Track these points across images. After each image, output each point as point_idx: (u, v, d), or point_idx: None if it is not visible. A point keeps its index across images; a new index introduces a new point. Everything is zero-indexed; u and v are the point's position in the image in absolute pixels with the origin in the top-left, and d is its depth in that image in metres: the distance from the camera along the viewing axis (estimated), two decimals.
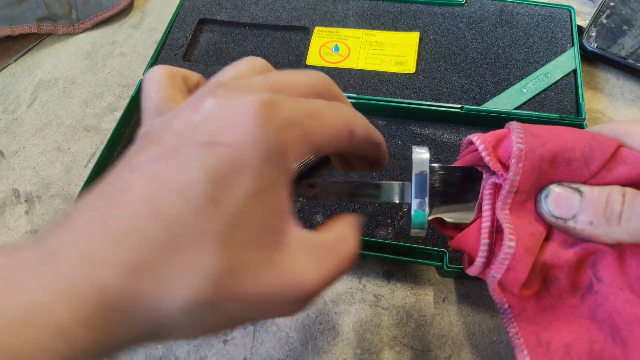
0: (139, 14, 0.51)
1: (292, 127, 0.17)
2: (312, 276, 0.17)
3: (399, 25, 0.43)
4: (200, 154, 0.16)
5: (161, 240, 0.15)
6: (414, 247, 0.31)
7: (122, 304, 0.15)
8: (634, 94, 0.40)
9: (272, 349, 0.30)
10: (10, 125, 0.43)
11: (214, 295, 0.15)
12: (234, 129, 0.16)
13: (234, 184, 0.16)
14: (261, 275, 0.16)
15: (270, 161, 0.16)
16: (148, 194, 0.15)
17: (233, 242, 0.16)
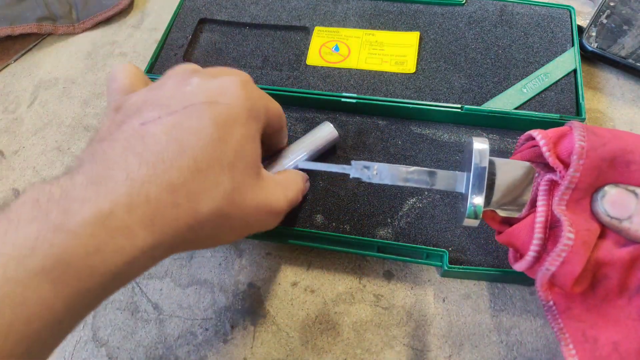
0: (139, 13, 0.51)
1: (259, 99, 0.25)
2: (281, 196, 0.26)
3: (399, 25, 0.43)
4: (206, 109, 0.22)
5: (188, 165, 0.20)
6: (414, 247, 0.31)
7: (168, 212, 0.19)
8: (634, 93, 0.40)
9: (272, 349, 0.30)
10: (10, 125, 0.43)
11: (228, 206, 0.22)
12: (229, 95, 0.23)
13: (233, 129, 0.22)
14: (254, 193, 0.23)
15: (252, 118, 0.24)
16: (170, 135, 0.20)
17: (237, 169, 0.22)
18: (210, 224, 0.21)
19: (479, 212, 0.23)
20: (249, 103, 0.23)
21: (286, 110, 0.39)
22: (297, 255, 0.34)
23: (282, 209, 0.26)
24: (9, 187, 0.39)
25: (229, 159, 0.22)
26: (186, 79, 0.24)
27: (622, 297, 0.21)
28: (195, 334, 0.31)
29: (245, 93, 0.24)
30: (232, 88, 0.23)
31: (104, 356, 0.31)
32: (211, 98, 0.22)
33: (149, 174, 0.19)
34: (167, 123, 0.21)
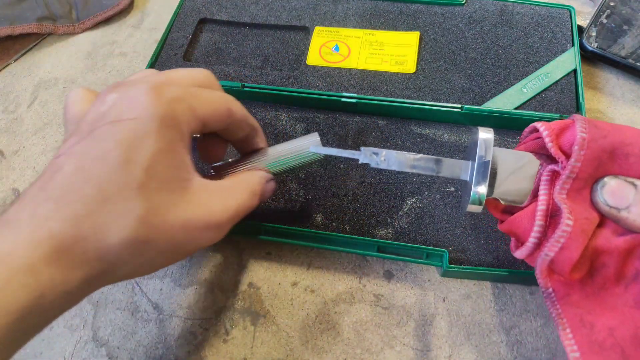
0: (139, 13, 0.51)
1: (177, 101, 0.22)
2: (218, 207, 0.23)
3: (399, 25, 0.43)
4: (110, 130, 0.20)
5: (93, 195, 0.19)
6: (414, 247, 0.31)
7: (73, 247, 0.19)
8: (634, 93, 0.40)
9: (272, 349, 0.30)
10: (10, 124, 0.43)
11: (144, 231, 0.20)
12: (135, 107, 0.21)
13: (141, 146, 0.20)
14: (177, 211, 0.21)
15: (166, 127, 0.21)
16: (76, 166, 0.20)
17: (149, 189, 0.20)
18: (127, 253, 0.20)
19: (482, 199, 0.23)
20: (160, 110, 0.21)
21: (286, 110, 0.39)
22: (297, 255, 0.34)
23: (221, 221, 0.23)
24: (9, 187, 0.39)
25: (139, 181, 0.20)
26: (105, 97, 0.22)
27: (619, 285, 0.22)
28: (195, 334, 0.31)
29: (153, 100, 0.21)
30: (138, 98, 0.21)
31: (104, 356, 0.31)
32: (117, 116, 0.21)
33: (52, 209, 0.19)
34: (76, 152, 0.20)
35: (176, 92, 0.23)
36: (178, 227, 0.21)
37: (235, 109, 0.26)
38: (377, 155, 0.25)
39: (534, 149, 0.25)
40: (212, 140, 0.28)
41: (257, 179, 0.27)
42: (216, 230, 0.23)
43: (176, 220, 0.21)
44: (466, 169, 0.25)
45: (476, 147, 0.24)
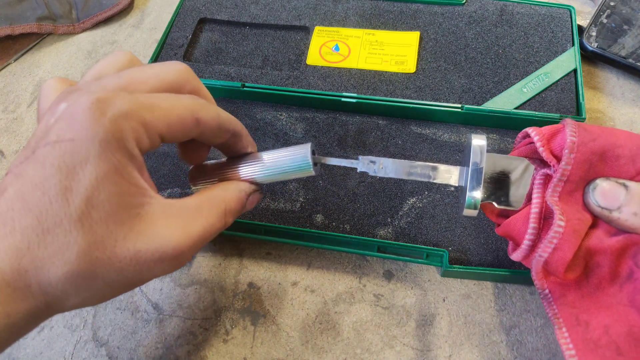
0: (139, 13, 0.51)
1: (125, 117, 0.19)
2: (177, 237, 0.21)
3: (399, 25, 0.42)
4: (50, 152, 0.19)
5: (33, 226, 0.18)
6: (414, 247, 0.31)
7: (15, 281, 0.18)
8: (635, 93, 0.40)
9: (272, 349, 0.30)
10: (10, 124, 0.43)
11: (87, 265, 0.18)
12: (73, 125, 0.19)
13: (80, 172, 0.18)
14: (126, 243, 0.19)
15: (109, 149, 0.19)
16: (17, 190, 0.18)
17: (92, 220, 0.18)
18: (72, 287, 0.19)
19: (477, 204, 0.24)
20: (101, 130, 0.19)
21: (286, 110, 0.39)
22: (297, 255, 0.34)
23: (179, 251, 0.21)
24: None
25: (80, 211, 0.18)
26: (56, 106, 0.20)
27: (614, 284, 0.23)
28: (195, 334, 0.31)
29: (94, 118, 0.19)
30: (77, 116, 0.19)
31: (104, 356, 0.31)
32: (58, 135, 0.19)
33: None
34: (19, 174, 0.19)
35: (123, 107, 0.19)
36: (127, 260, 0.19)
37: (206, 116, 0.23)
38: (374, 164, 0.26)
39: (527, 154, 0.26)
40: (190, 143, 0.26)
41: (234, 194, 0.24)
42: (173, 261, 0.21)
43: (125, 254, 0.19)
44: (462, 174, 0.25)
45: (470, 153, 0.24)
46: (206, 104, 0.23)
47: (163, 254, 0.20)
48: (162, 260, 0.20)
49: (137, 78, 0.22)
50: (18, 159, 0.19)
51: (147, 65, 0.23)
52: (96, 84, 0.21)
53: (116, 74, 0.22)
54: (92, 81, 0.22)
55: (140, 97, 0.20)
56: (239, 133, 0.25)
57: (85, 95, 0.19)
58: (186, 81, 0.23)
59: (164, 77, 0.22)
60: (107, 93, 0.20)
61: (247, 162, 0.26)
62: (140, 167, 0.20)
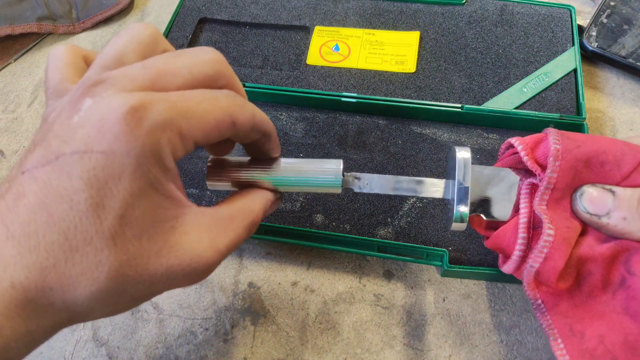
0: (139, 13, 0.51)
1: (163, 128, 0.18)
2: (207, 251, 0.20)
3: (399, 25, 0.42)
4: (78, 162, 0.17)
5: (59, 242, 0.17)
6: (414, 246, 0.31)
7: (38, 299, 0.17)
8: (635, 93, 0.40)
9: (272, 348, 0.30)
10: (10, 124, 0.43)
11: (117, 284, 0.17)
12: (105, 136, 0.17)
13: (114, 188, 0.17)
14: (159, 259, 0.18)
15: (145, 163, 0.18)
16: (40, 199, 0.17)
17: (125, 237, 0.17)
18: (98, 304, 0.18)
19: (465, 217, 0.24)
20: (138, 144, 0.17)
21: (286, 109, 0.39)
22: (297, 255, 0.34)
23: (210, 263, 0.20)
24: None
25: (112, 229, 0.17)
26: (79, 101, 0.18)
27: (607, 292, 0.22)
28: (195, 334, 0.31)
29: (130, 131, 0.17)
30: (110, 125, 0.17)
31: (104, 355, 0.31)
32: (86, 144, 0.17)
33: (13, 254, 0.16)
34: (39, 179, 0.17)
35: (162, 114, 0.18)
36: (158, 276, 0.18)
37: (242, 118, 0.21)
38: (359, 180, 0.25)
39: (512, 164, 0.25)
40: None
41: (260, 205, 0.24)
42: (202, 275, 0.20)
43: (157, 270, 0.18)
44: (447, 187, 0.25)
45: (455, 166, 0.24)
46: (242, 102, 0.21)
47: (194, 268, 0.19)
48: (191, 273, 0.20)
49: (167, 70, 0.20)
50: (35, 158, 0.18)
51: (177, 53, 0.21)
52: (122, 77, 0.19)
53: (142, 64, 0.20)
54: (115, 70, 0.19)
55: (177, 102, 0.19)
56: (269, 134, 0.24)
57: (116, 96, 0.18)
58: (221, 75, 0.21)
59: (198, 71, 0.20)
60: (141, 98, 0.18)
61: (272, 167, 0.25)
62: (174, 177, 0.19)
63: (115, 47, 0.21)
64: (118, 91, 0.18)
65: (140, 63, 0.20)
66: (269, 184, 0.25)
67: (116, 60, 0.20)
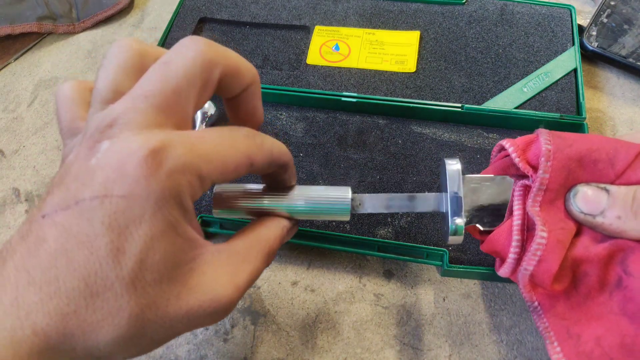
0: (139, 13, 0.51)
1: (183, 172, 0.18)
2: (227, 289, 0.20)
3: (400, 24, 0.42)
4: (98, 207, 0.17)
5: (80, 288, 0.17)
6: (414, 246, 0.31)
7: (60, 345, 0.16)
8: (635, 93, 0.40)
9: (273, 348, 0.30)
10: (10, 124, 0.43)
11: (138, 328, 0.17)
12: (125, 180, 0.17)
13: (134, 232, 0.17)
14: (179, 302, 0.18)
15: (165, 207, 0.17)
16: (60, 245, 0.17)
17: (144, 282, 0.17)
18: (119, 349, 0.18)
19: (461, 230, 0.23)
20: (158, 188, 0.17)
21: (286, 109, 0.39)
22: (297, 255, 0.34)
23: (231, 301, 0.20)
24: (9, 186, 0.39)
25: (132, 274, 0.17)
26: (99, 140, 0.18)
27: (604, 292, 0.22)
28: (195, 333, 0.31)
29: (150, 173, 0.17)
30: (129, 169, 0.17)
31: None
32: (106, 188, 0.17)
33: (35, 300, 0.16)
34: (59, 223, 0.17)
35: (180, 160, 0.18)
36: (179, 318, 0.18)
37: (261, 157, 0.21)
38: (353, 201, 0.25)
39: (504, 167, 0.25)
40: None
41: (277, 234, 0.23)
42: (223, 313, 0.20)
43: (177, 313, 0.18)
44: (440, 201, 0.25)
45: (446, 179, 0.24)
46: (261, 141, 0.21)
47: (215, 308, 0.19)
48: (212, 313, 0.19)
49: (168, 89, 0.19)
50: (54, 201, 0.17)
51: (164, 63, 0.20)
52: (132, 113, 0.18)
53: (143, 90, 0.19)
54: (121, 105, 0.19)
55: (195, 144, 0.19)
56: (286, 166, 0.24)
57: (134, 137, 0.18)
58: (213, 66, 0.20)
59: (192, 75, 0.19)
60: (160, 140, 0.18)
61: (283, 195, 0.24)
62: (192, 218, 0.19)
63: (107, 78, 0.20)
64: (134, 131, 0.18)
65: (142, 91, 0.19)
66: (282, 213, 0.24)
67: (113, 91, 0.20)
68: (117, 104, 0.19)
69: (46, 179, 0.39)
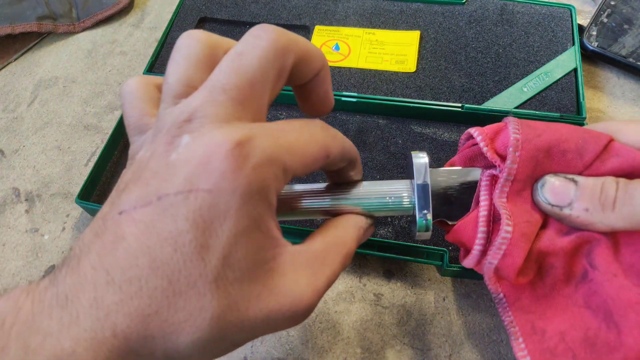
0: (139, 12, 0.51)
1: (269, 165, 0.17)
2: (306, 292, 0.19)
3: (400, 24, 0.42)
4: (182, 203, 0.16)
5: (162, 287, 0.16)
6: (414, 246, 0.31)
7: (138, 347, 0.16)
8: (635, 93, 0.40)
9: (273, 348, 0.30)
10: (10, 124, 0.43)
11: (219, 330, 0.17)
12: (211, 174, 0.16)
13: (219, 228, 0.16)
14: (259, 304, 0.17)
15: (251, 201, 0.17)
16: (142, 242, 0.16)
17: (227, 281, 0.17)
18: (198, 352, 0.17)
19: (429, 225, 0.23)
20: (244, 182, 0.17)
21: (286, 109, 0.39)
22: None
23: (310, 305, 0.19)
24: (10, 186, 0.39)
25: (216, 272, 0.16)
26: (178, 135, 0.17)
27: (569, 285, 0.22)
28: None
29: (236, 167, 0.16)
30: (216, 162, 0.16)
31: None
32: (189, 182, 0.16)
33: (115, 300, 0.16)
34: (139, 221, 0.16)
35: (268, 150, 0.17)
36: (259, 321, 0.18)
37: (335, 150, 0.20)
38: None
39: (471, 156, 0.24)
40: None
41: (353, 235, 0.22)
42: (302, 317, 0.19)
43: (258, 315, 0.18)
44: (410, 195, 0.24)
45: (413, 173, 0.23)
46: (334, 134, 0.21)
47: (295, 312, 0.18)
48: (292, 317, 0.19)
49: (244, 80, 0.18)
50: (132, 198, 0.17)
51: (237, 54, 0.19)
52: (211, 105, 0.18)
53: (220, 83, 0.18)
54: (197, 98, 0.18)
55: (279, 137, 0.18)
56: (354, 161, 0.23)
57: (217, 130, 0.17)
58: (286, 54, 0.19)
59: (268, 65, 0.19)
60: (245, 132, 0.17)
61: (350, 192, 0.24)
62: (274, 214, 0.18)
63: (178, 71, 0.20)
64: (215, 124, 0.17)
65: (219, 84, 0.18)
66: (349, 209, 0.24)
67: (185, 85, 0.19)
68: (193, 97, 0.18)
69: (46, 179, 0.39)
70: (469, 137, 0.25)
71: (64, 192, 0.39)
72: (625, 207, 0.20)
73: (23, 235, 0.36)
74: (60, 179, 0.39)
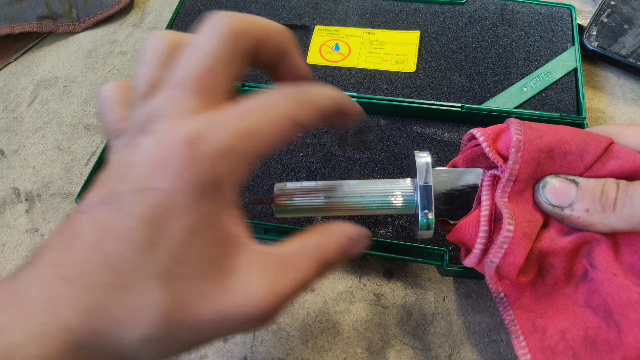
0: (139, 12, 0.51)
1: (222, 158, 0.17)
2: (265, 296, 0.18)
3: (400, 24, 0.42)
4: (135, 201, 0.16)
5: (112, 283, 0.16)
6: (414, 246, 0.31)
7: (87, 342, 0.16)
8: (635, 93, 0.40)
9: (273, 348, 0.30)
10: (10, 124, 0.43)
11: (166, 327, 0.17)
12: (164, 173, 0.16)
13: (169, 226, 0.16)
14: (208, 302, 0.17)
15: (205, 198, 0.17)
16: (96, 240, 0.16)
17: (176, 278, 0.17)
18: (145, 350, 0.17)
19: (431, 224, 0.23)
20: (196, 178, 0.17)
21: None
22: None
23: (266, 310, 0.18)
24: (9, 186, 0.39)
25: (164, 267, 0.16)
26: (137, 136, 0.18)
27: (570, 284, 0.22)
28: None
29: (187, 163, 0.16)
30: (167, 161, 0.17)
31: None
32: (143, 181, 0.17)
33: (68, 295, 0.16)
34: (97, 219, 0.17)
35: (222, 142, 0.17)
36: (208, 321, 0.17)
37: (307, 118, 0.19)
38: None
39: (473, 157, 0.25)
40: None
41: (336, 243, 0.21)
42: (257, 323, 0.18)
43: (207, 315, 0.17)
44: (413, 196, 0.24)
45: (416, 173, 0.23)
46: (307, 98, 0.19)
47: (248, 315, 0.18)
48: (245, 321, 0.18)
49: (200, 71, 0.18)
50: (94, 198, 0.17)
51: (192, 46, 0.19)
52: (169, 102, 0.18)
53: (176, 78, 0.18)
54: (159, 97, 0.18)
55: (236, 123, 0.17)
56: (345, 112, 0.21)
57: (170, 126, 0.17)
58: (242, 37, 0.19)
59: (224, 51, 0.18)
60: (197, 127, 0.17)
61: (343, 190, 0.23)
62: (233, 211, 0.18)
63: (143, 73, 0.20)
64: (172, 121, 0.17)
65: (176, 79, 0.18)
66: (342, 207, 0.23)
67: (150, 86, 0.19)
68: (154, 96, 0.19)
69: (46, 179, 0.39)
70: (471, 138, 0.25)
71: (64, 192, 0.39)
72: (626, 209, 0.21)
73: (23, 235, 0.36)
74: (60, 179, 0.39)
